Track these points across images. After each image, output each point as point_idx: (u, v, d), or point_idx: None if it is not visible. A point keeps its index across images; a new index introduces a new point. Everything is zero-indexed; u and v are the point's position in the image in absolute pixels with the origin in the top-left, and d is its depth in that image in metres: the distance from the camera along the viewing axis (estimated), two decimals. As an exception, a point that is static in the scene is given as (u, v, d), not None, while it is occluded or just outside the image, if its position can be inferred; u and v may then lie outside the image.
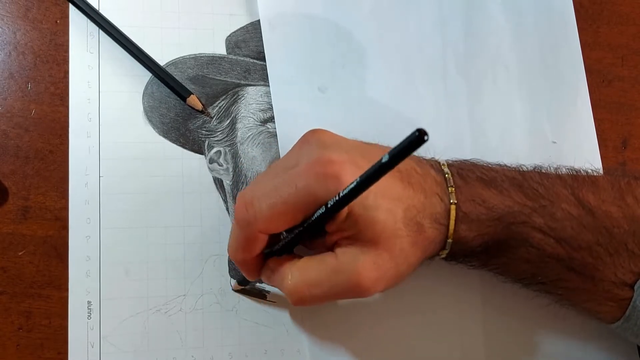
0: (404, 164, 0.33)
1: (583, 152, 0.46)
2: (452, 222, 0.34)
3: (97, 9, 0.42)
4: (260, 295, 0.39)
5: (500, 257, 0.36)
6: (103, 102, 0.40)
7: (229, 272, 0.40)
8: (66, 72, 0.41)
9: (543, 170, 0.37)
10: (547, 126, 0.46)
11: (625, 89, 0.48)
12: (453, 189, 0.34)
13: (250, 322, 0.39)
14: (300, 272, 0.33)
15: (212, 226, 0.40)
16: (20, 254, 0.38)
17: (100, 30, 0.41)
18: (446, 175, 0.35)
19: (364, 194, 0.30)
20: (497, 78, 0.46)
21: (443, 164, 0.36)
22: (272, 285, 0.37)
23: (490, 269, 0.37)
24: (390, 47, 0.45)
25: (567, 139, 0.46)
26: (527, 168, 0.37)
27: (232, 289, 0.39)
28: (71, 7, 0.42)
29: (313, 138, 0.34)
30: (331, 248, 0.34)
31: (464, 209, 0.34)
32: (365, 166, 0.32)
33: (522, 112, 0.46)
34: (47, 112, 0.40)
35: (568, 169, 0.37)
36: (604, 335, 0.41)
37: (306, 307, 0.39)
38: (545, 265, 0.35)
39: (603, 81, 0.48)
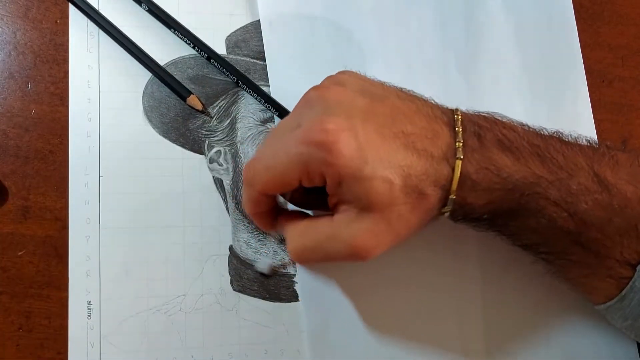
0: (413, 126, 0.33)
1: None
2: (454, 183, 0.32)
3: (97, 9, 0.42)
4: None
5: (508, 224, 0.35)
6: (103, 102, 0.40)
7: (229, 271, 0.40)
8: (66, 72, 0.41)
9: (564, 138, 0.35)
10: (547, 126, 0.46)
11: (626, 90, 0.48)
12: (461, 145, 0.32)
13: (250, 322, 0.39)
14: (299, 237, 0.35)
15: (212, 226, 0.40)
16: (20, 254, 0.38)
17: (100, 30, 0.41)
18: (457, 130, 0.33)
19: (361, 161, 0.30)
20: (497, 78, 0.46)
21: (458, 117, 0.34)
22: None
23: (494, 231, 0.36)
24: (390, 47, 0.45)
25: (567, 139, 0.46)
26: (548, 132, 0.36)
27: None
28: (71, 7, 0.42)
29: (316, 96, 0.33)
30: (333, 208, 0.34)
31: (475, 177, 0.32)
32: (364, 132, 0.31)
33: (522, 112, 0.46)
34: (47, 112, 0.40)
35: (587, 139, 0.36)
36: (603, 327, 0.42)
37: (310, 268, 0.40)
38: (553, 237, 0.34)
39: (603, 81, 0.48)
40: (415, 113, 0.33)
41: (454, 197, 0.33)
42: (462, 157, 0.32)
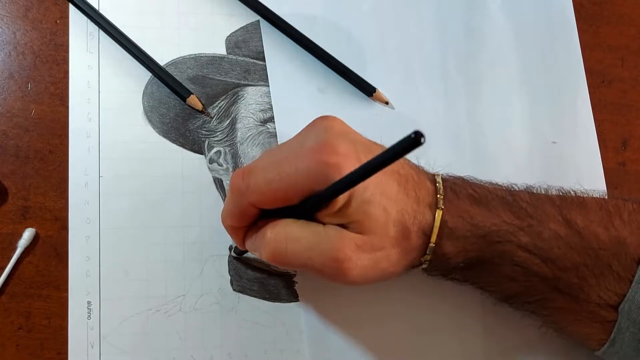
0: (404, 169, 0.34)
1: (583, 152, 0.46)
2: (434, 230, 0.33)
3: (97, 9, 0.42)
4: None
5: (484, 274, 0.36)
6: (103, 102, 0.40)
7: (228, 271, 0.40)
8: (66, 72, 0.41)
9: (534, 191, 0.37)
10: (547, 126, 0.46)
11: (625, 90, 0.48)
12: (442, 197, 0.34)
13: (250, 322, 0.39)
14: (282, 226, 0.33)
15: (212, 226, 0.40)
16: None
17: (100, 30, 0.41)
18: (437, 185, 0.35)
19: (363, 187, 0.30)
20: (497, 78, 0.46)
21: (437, 175, 0.36)
22: (250, 249, 0.35)
23: (474, 285, 0.37)
24: (390, 47, 0.45)
25: (567, 139, 0.46)
26: (518, 188, 0.37)
27: (232, 254, 0.40)
28: (71, 7, 0.42)
29: (323, 123, 0.34)
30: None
31: (451, 225, 0.34)
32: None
33: (522, 112, 0.46)
34: (47, 112, 0.40)
35: (557, 189, 0.37)
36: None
37: (287, 267, 0.38)
38: (530, 284, 0.35)
39: (603, 82, 0.48)
40: (404, 161, 0.35)
41: (433, 244, 0.34)
42: (443, 207, 0.34)
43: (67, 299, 0.37)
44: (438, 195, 0.34)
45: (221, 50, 0.43)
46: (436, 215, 0.34)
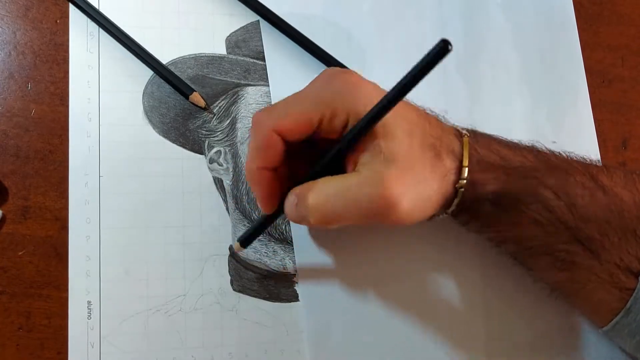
0: (426, 110, 0.35)
1: (583, 153, 0.45)
2: (465, 153, 0.34)
3: (97, 8, 0.42)
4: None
5: (512, 213, 0.35)
6: (103, 102, 0.40)
7: (229, 271, 0.40)
8: (66, 72, 0.41)
9: (556, 152, 0.37)
10: (547, 126, 0.46)
11: (625, 90, 0.48)
12: (466, 132, 0.35)
13: (250, 322, 0.39)
14: (322, 187, 0.32)
15: (212, 226, 0.40)
16: (20, 254, 0.38)
17: (101, 30, 0.41)
18: (458, 128, 0.35)
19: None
20: (497, 78, 0.46)
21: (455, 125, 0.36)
22: (294, 219, 0.34)
23: (500, 230, 0.37)
24: (390, 47, 0.45)
25: (567, 139, 0.46)
26: (542, 147, 0.37)
27: (234, 251, 0.39)
28: (71, 7, 0.42)
29: (330, 70, 0.35)
30: (351, 170, 0.33)
31: (480, 151, 0.34)
32: (384, 91, 0.32)
33: (522, 112, 0.46)
34: (47, 112, 0.40)
35: (578, 156, 0.37)
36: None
37: (339, 224, 0.34)
38: (553, 230, 0.35)
39: (603, 81, 0.48)
40: (424, 109, 0.36)
41: (467, 166, 0.34)
42: (468, 135, 0.34)
43: (67, 298, 0.37)
44: (461, 130, 0.35)
45: (221, 50, 0.43)
46: (464, 140, 0.34)
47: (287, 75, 0.43)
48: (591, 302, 0.37)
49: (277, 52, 0.43)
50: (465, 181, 0.34)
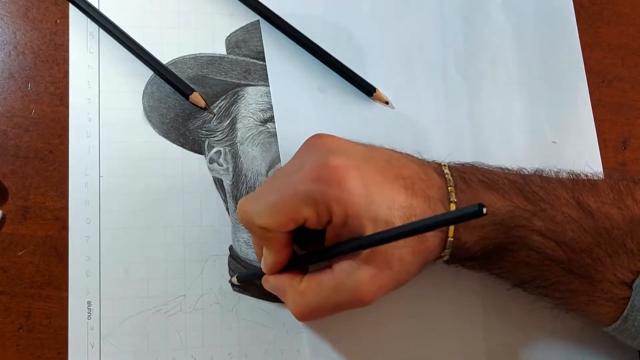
0: (407, 169, 0.34)
1: (583, 152, 0.46)
2: (451, 228, 0.33)
3: (97, 8, 0.42)
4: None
5: (501, 260, 0.36)
6: (103, 102, 0.40)
7: (229, 271, 0.40)
8: (66, 72, 0.41)
9: (544, 174, 0.37)
10: (547, 126, 0.46)
11: (625, 89, 0.48)
12: (453, 189, 0.34)
13: (250, 322, 0.39)
14: (301, 298, 0.34)
15: (212, 226, 0.40)
16: (20, 254, 0.38)
17: (101, 30, 0.41)
18: (446, 176, 0.35)
19: (368, 200, 0.30)
20: (497, 78, 0.46)
21: (444, 165, 0.36)
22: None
23: (490, 272, 0.37)
24: (390, 47, 0.45)
25: (567, 139, 0.46)
26: (528, 172, 0.37)
27: (230, 282, 0.39)
28: (71, 7, 0.42)
29: (317, 143, 0.34)
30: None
31: None
32: (369, 172, 0.32)
33: (522, 112, 0.46)
34: (47, 112, 0.40)
35: (568, 172, 0.37)
36: (603, 338, 0.41)
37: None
38: (545, 269, 0.35)
39: (603, 81, 0.48)
40: (407, 159, 0.35)
41: (452, 239, 0.34)
42: (455, 200, 0.34)
43: (67, 299, 0.37)
44: (449, 188, 0.34)
45: (221, 50, 0.43)
46: (450, 209, 0.34)
47: (287, 75, 0.43)
48: (588, 315, 0.37)
49: (277, 52, 0.43)
50: (449, 250, 0.34)
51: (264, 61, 0.43)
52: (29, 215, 0.38)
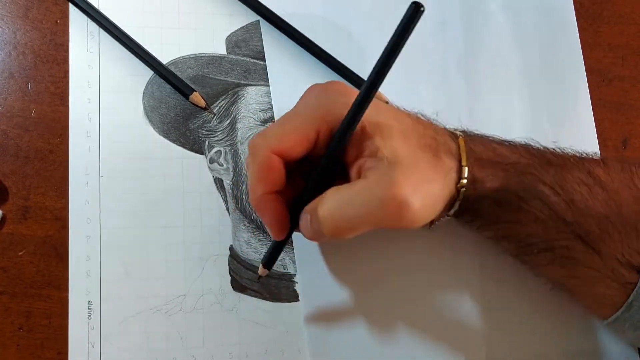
0: (417, 115, 0.36)
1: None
2: (463, 154, 0.34)
3: (97, 8, 0.42)
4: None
5: (512, 210, 0.35)
6: (103, 102, 0.40)
7: (229, 271, 0.40)
8: (66, 72, 0.41)
9: (551, 148, 0.37)
10: (547, 126, 0.46)
11: (626, 89, 0.48)
12: (460, 132, 0.36)
13: (250, 322, 0.39)
14: (331, 197, 0.32)
15: (212, 226, 0.40)
16: (20, 254, 0.38)
17: (101, 30, 0.41)
18: (451, 130, 0.36)
19: (374, 113, 0.31)
20: (497, 78, 0.46)
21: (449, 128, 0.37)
22: (310, 237, 0.34)
23: (501, 227, 0.37)
24: (390, 47, 0.45)
25: (567, 139, 0.45)
26: (536, 144, 0.37)
27: (260, 275, 0.38)
28: (71, 7, 0.42)
29: (318, 86, 0.35)
30: (356, 177, 0.34)
31: (476, 150, 0.35)
32: (375, 103, 0.33)
33: (523, 112, 0.46)
34: (47, 112, 0.40)
35: (576, 151, 0.37)
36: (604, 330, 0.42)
37: (353, 234, 0.33)
38: (554, 227, 0.35)
39: (603, 81, 0.48)
40: (415, 114, 0.36)
41: (466, 166, 0.34)
42: (462, 135, 0.35)
43: (67, 298, 0.37)
44: (455, 131, 0.36)
45: (221, 50, 0.43)
46: (459, 141, 0.35)
47: (287, 75, 0.43)
48: (593, 297, 0.36)
49: (277, 52, 0.43)
50: (466, 180, 0.34)
51: (264, 61, 0.43)
52: (29, 215, 0.38)
